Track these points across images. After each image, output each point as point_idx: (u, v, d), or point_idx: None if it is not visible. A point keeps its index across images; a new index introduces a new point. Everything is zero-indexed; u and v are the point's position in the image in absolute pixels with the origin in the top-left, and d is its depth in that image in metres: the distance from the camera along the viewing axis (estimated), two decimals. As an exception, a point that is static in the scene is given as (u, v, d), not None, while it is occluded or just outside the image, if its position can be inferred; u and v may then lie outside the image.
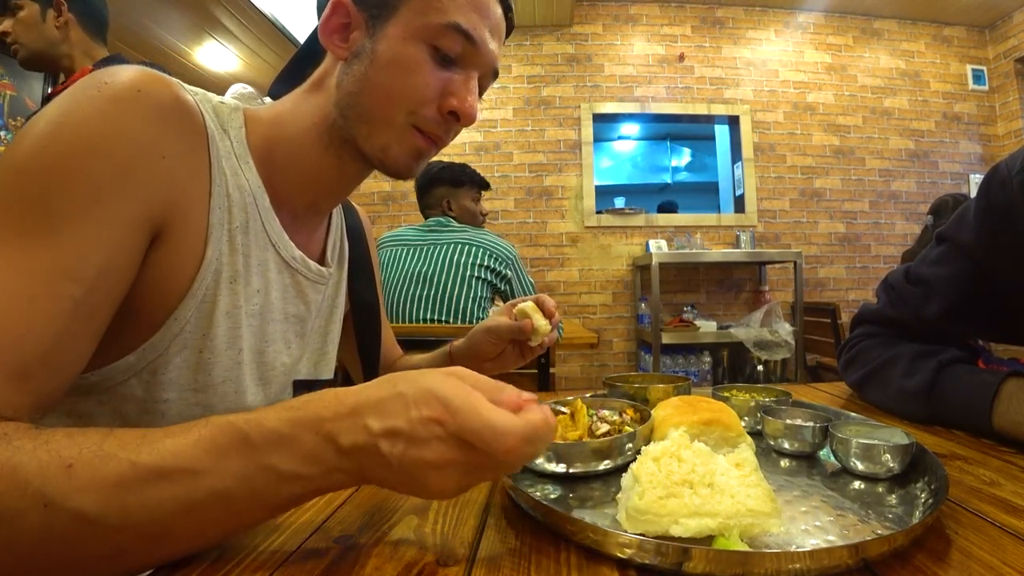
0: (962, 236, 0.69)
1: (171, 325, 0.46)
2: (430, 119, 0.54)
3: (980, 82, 3.93)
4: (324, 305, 0.67)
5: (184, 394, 0.49)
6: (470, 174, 1.84)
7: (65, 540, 0.29)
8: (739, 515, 0.35)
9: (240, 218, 0.51)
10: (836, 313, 2.97)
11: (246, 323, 0.53)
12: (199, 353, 0.49)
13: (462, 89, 0.54)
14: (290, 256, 0.57)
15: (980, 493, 0.43)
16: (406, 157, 0.55)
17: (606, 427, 0.53)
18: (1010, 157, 0.65)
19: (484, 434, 0.30)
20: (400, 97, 0.52)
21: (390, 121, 0.53)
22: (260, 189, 0.53)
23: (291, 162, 0.55)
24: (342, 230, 0.72)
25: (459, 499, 0.43)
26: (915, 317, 0.74)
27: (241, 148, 0.53)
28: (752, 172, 3.76)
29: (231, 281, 0.50)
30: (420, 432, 0.31)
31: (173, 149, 0.44)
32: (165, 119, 0.44)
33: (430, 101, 0.53)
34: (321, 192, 0.59)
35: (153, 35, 3.32)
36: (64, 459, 0.29)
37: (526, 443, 0.31)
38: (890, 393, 0.69)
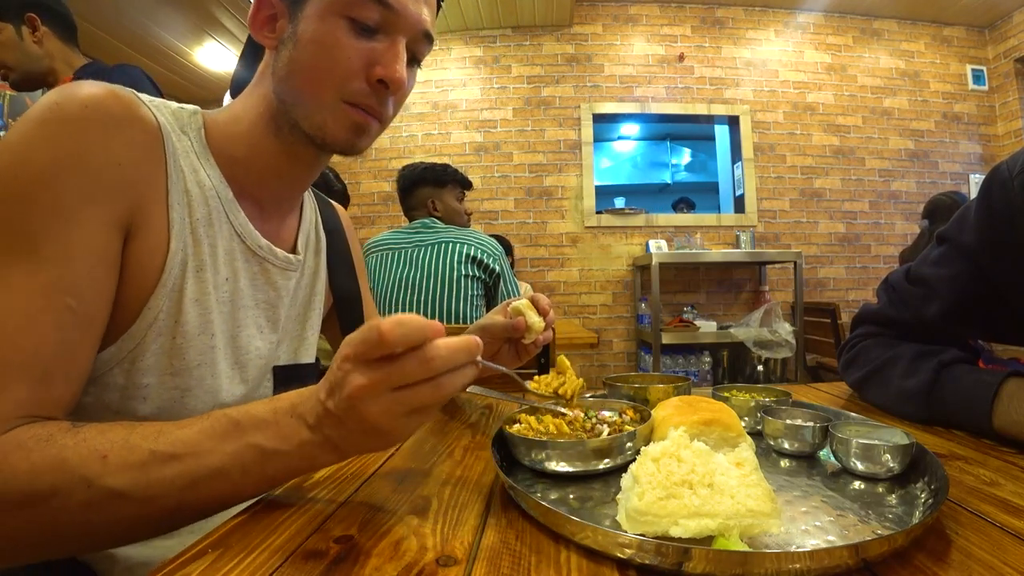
0: (963, 237, 0.69)
1: (145, 314, 0.50)
2: (359, 91, 0.54)
3: (980, 82, 3.93)
4: (301, 293, 0.70)
5: (162, 378, 0.52)
6: (452, 173, 1.84)
7: (102, 511, 0.38)
8: (739, 515, 0.35)
9: (201, 211, 0.54)
10: (836, 313, 2.97)
11: (217, 309, 0.56)
12: (172, 339, 0.52)
13: (386, 56, 0.54)
14: (256, 245, 0.60)
15: (980, 493, 0.43)
16: (344, 132, 0.56)
17: (606, 427, 0.53)
18: (1011, 158, 0.65)
19: (366, 335, 0.35)
20: (325, 74, 0.53)
21: (320, 99, 0.54)
22: (222, 184, 0.56)
23: (248, 154, 0.58)
24: (316, 223, 0.75)
25: (459, 499, 0.43)
26: (915, 317, 0.74)
27: (200, 147, 0.56)
28: (752, 172, 3.76)
29: (197, 270, 0.54)
30: (339, 376, 0.37)
31: (126, 156, 0.47)
32: (115, 130, 0.47)
33: (355, 73, 0.53)
34: (282, 180, 0.62)
35: (153, 35, 3.32)
36: (100, 451, 0.38)
37: (397, 324, 0.35)
38: (890, 393, 0.69)
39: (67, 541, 0.40)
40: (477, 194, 3.73)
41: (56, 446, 0.38)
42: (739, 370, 3.46)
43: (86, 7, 2.97)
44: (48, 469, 0.37)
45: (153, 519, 0.39)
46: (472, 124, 3.82)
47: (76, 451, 0.38)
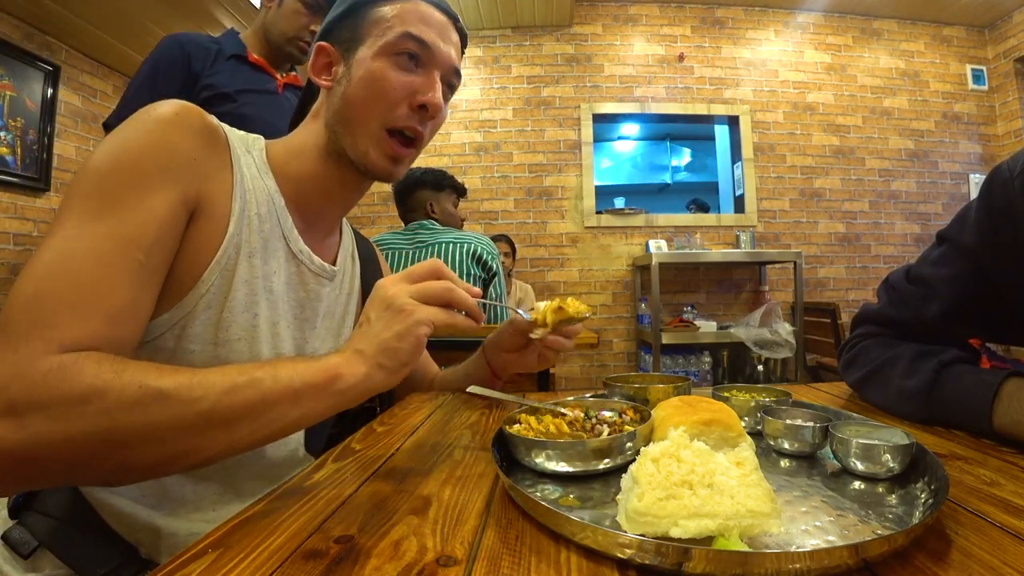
0: (963, 237, 0.69)
1: (199, 287, 0.58)
2: (403, 115, 0.66)
3: (980, 82, 3.93)
4: (338, 308, 0.80)
5: (206, 347, 0.60)
6: (449, 179, 1.89)
7: (149, 409, 0.43)
8: (739, 516, 0.34)
9: (260, 209, 0.64)
10: (836, 313, 2.97)
11: (263, 295, 0.64)
12: (220, 312, 0.60)
13: (425, 85, 0.67)
14: (297, 249, 0.69)
15: (980, 493, 0.43)
16: (383, 160, 0.68)
17: (606, 427, 0.53)
18: (1012, 158, 0.65)
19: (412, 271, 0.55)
20: (373, 104, 0.65)
21: (366, 128, 0.66)
22: (277, 193, 0.67)
23: (300, 175, 0.69)
24: (353, 251, 0.86)
25: (459, 499, 0.43)
26: (915, 317, 0.74)
27: (262, 163, 0.67)
28: (752, 172, 3.76)
29: (249, 256, 0.62)
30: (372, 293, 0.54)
31: (202, 154, 0.58)
32: (197, 134, 0.59)
33: (400, 101, 0.66)
34: (327, 199, 0.72)
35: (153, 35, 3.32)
36: (153, 367, 0.45)
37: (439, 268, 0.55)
38: (890, 393, 0.69)
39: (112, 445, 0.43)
40: (477, 194, 3.73)
41: (120, 361, 0.45)
42: (739, 370, 3.46)
43: (84, 6, 2.97)
44: (110, 370, 0.43)
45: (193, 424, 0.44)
46: (472, 124, 3.82)
47: (136, 364, 0.45)
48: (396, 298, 0.51)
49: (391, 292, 0.51)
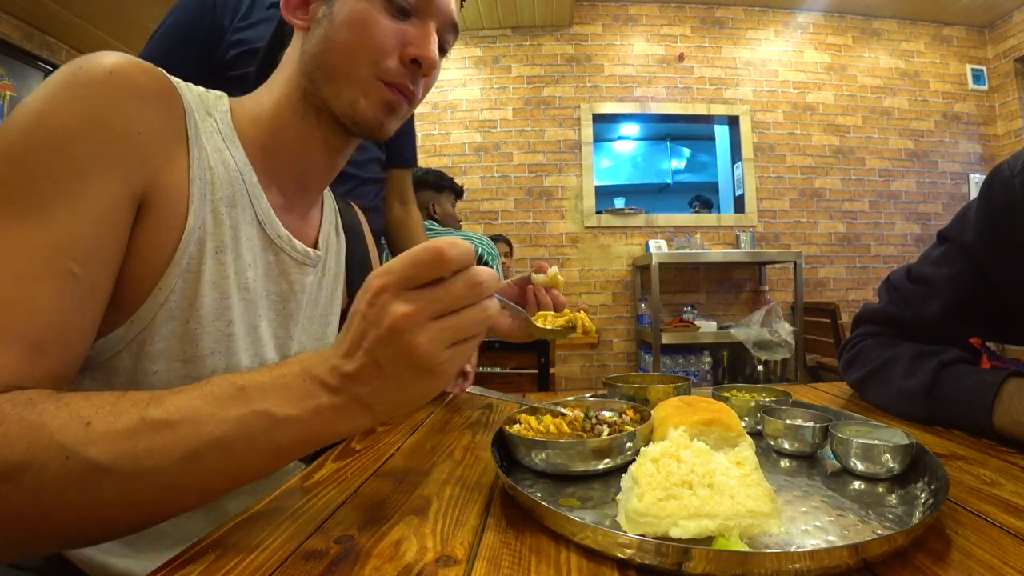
0: (963, 236, 0.69)
1: (156, 295, 0.47)
2: (393, 70, 0.55)
3: (980, 82, 3.93)
4: (323, 295, 0.69)
5: (172, 365, 0.49)
6: (449, 181, 1.91)
7: (83, 488, 0.33)
8: (739, 516, 0.34)
9: (225, 191, 0.52)
10: (836, 313, 2.97)
11: (237, 295, 0.54)
12: (185, 323, 0.50)
13: (420, 37, 0.55)
14: (275, 234, 0.58)
15: (980, 493, 0.43)
16: (375, 110, 0.56)
17: (606, 427, 0.53)
18: (1012, 157, 0.65)
19: (420, 258, 0.34)
20: (360, 50, 0.54)
21: (354, 76, 0.54)
22: (247, 166, 0.55)
23: (274, 139, 0.58)
24: (337, 224, 0.74)
25: (459, 499, 0.43)
26: (916, 317, 0.74)
27: (226, 128, 0.55)
28: (752, 172, 3.76)
29: (216, 251, 0.51)
30: (375, 312, 0.34)
31: (148, 125, 0.46)
32: (137, 98, 0.46)
33: (390, 52, 0.55)
34: (307, 168, 0.61)
35: (153, 35, 3.32)
36: (83, 417, 0.34)
37: (452, 244, 0.34)
38: (890, 393, 0.69)
39: (49, 527, 0.34)
40: (477, 194, 3.73)
41: (35, 411, 0.33)
42: (739, 370, 3.46)
43: (84, 6, 2.97)
44: (23, 436, 0.32)
45: (145, 499, 0.34)
46: (472, 124, 3.82)
47: (56, 416, 0.33)
48: (429, 357, 0.34)
49: (423, 347, 0.34)
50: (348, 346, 0.35)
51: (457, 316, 0.35)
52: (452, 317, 0.35)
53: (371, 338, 0.34)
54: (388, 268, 0.34)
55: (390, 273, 0.34)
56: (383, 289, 0.34)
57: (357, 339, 0.35)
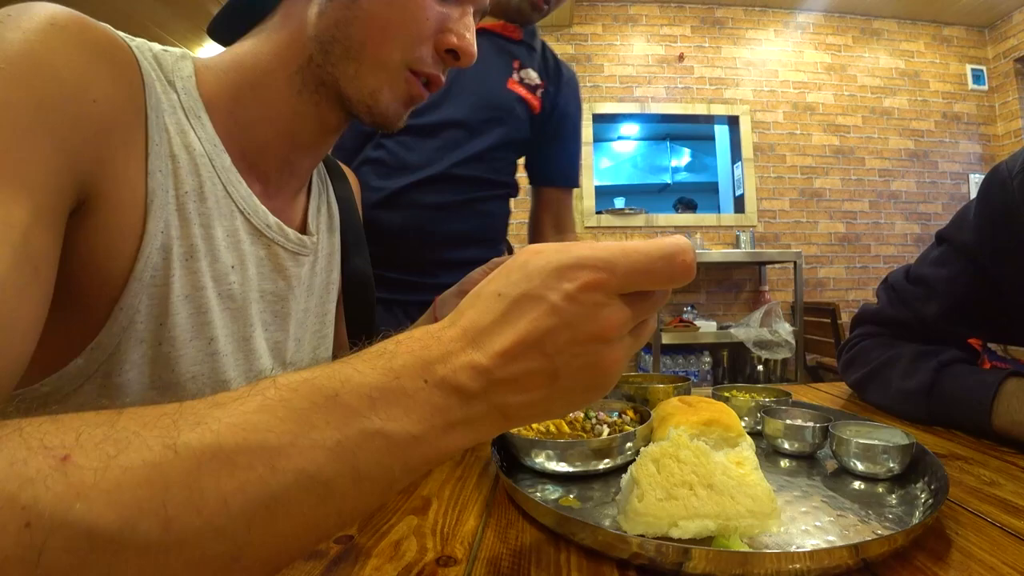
0: (962, 236, 0.69)
1: (118, 316, 0.39)
2: (426, 59, 0.48)
3: (980, 82, 3.93)
4: (317, 281, 0.60)
5: (146, 395, 0.41)
6: None
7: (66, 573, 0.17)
8: (739, 516, 0.35)
9: (191, 183, 0.43)
10: (836, 313, 2.97)
11: (219, 307, 0.46)
12: (158, 346, 0.41)
13: (460, 25, 0.49)
14: (263, 224, 0.49)
15: (980, 493, 0.43)
16: (397, 104, 0.49)
17: (606, 427, 0.53)
18: (1010, 158, 0.65)
19: (658, 267, 0.26)
20: (398, 32, 0.46)
21: (384, 61, 0.47)
22: (217, 147, 0.46)
23: (257, 113, 0.48)
24: (328, 196, 0.64)
25: (459, 499, 0.43)
26: (915, 317, 0.74)
27: (191, 101, 0.45)
28: (752, 172, 3.76)
29: (187, 258, 0.43)
30: (579, 311, 0.25)
31: (106, 96, 0.36)
32: (96, 61, 0.36)
33: (427, 38, 0.48)
34: (296, 147, 0.51)
35: (153, 35, 3.32)
36: (54, 448, 0.18)
37: (691, 252, 0.27)
38: (890, 393, 0.69)
39: None
40: (477, 194, 3.72)
41: None
42: (739, 370, 3.46)
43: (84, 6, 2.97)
44: None
45: None
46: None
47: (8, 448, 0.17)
48: (615, 374, 0.27)
49: (617, 363, 0.27)
50: (514, 343, 0.25)
51: (645, 326, 0.29)
52: (641, 328, 0.29)
53: (562, 340, 0.25)
54: (608, 262, 0.25)
55: (611, 271, 0.25)
56: (597, 286, 0.25)
57: (535, 337, 0.25)
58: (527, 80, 1.04)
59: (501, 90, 1.00)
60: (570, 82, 1.11)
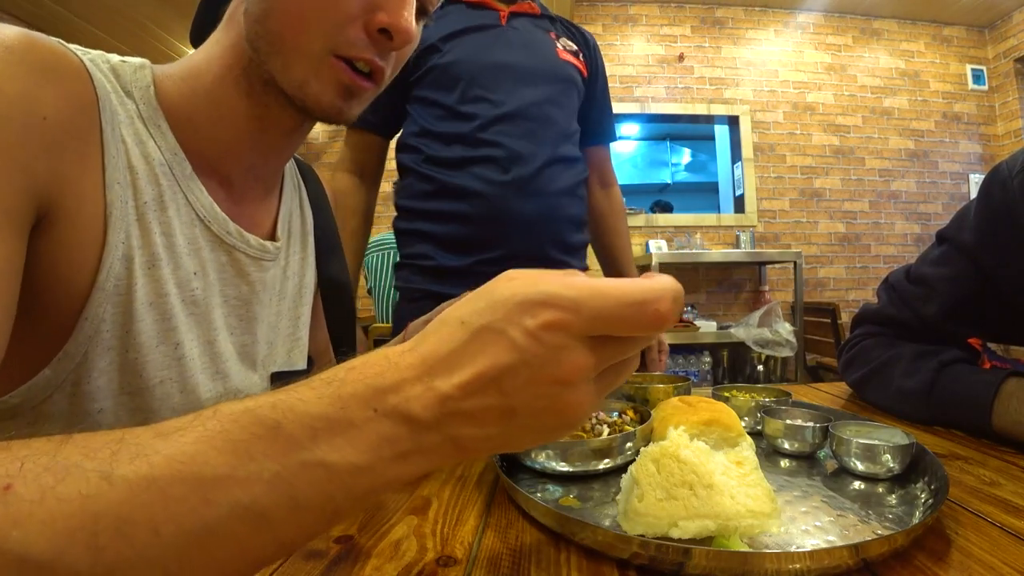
0: (962, 236, 0.69)
1: (84, 327, 0.40)
2: (356, 41, 0.44)
3: (980, 82, 3.93)
4: (289, 286, 0.60)
5: (119, 399, 0.42)
6: None
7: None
8: (739, 516, 0.35)
9: (150, 192, 0.44)
10: (836, 313, 2.97)
11: (183, 312, 0.46)
12: (124, 353, 0.42)
13: (392, 1, 0.44)
14: (223, 231, 0.49)
15: (980, 493, 0.43)
16: (330, 95, 0.46)
17: (606, 427, 0.53)
18: (1011, 157, 0.65)
19: (626, 314, 0.24)
20: (313, 16, 0.43)
21: (304, 49, 0.44)
22: (177, 156, 0.46)
23: (212, 119, 0.47)
24: (300, 201, 0.64)
25: (459, 499, 0.43)
26: (915, 317, 0.74)
27: (149, 110, 0.45)
28: (752, 172, 3.76)
29: (149, 267, 0.43)
30: (539, 351, 0.23)
31: (56, 112, 0.37)
32: (44, 78, 0.37)
33: (353, 19, 0.44)
34: (255, 151, 0.51)
35: (153, 35, 3.32)
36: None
37: (676, 302, 0.25)
38: (890, 393, 0.69)
39: None
40: (477, 194, 3.72)
41: None
42: (739, 370, 3.46)
43: (84, 6, 2.98)
44: None
45: None
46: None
47: None
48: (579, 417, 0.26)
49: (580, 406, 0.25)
50: (472, 377, 0.24)
51: (616, 371, 0.27)
52: (611, 372, 0.27)
53: (521, 379, 0.24)
54: (575, 303, 0.24)
55: (576, 312, 0.24)
56: (561, 326, 0.24)
57: (493, 373, 0.24)
58: (568, 48, 1.08)
59: (559, 62, 1.03)
60: (592, 42, 1.18)
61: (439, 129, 0.96)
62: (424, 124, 0.97)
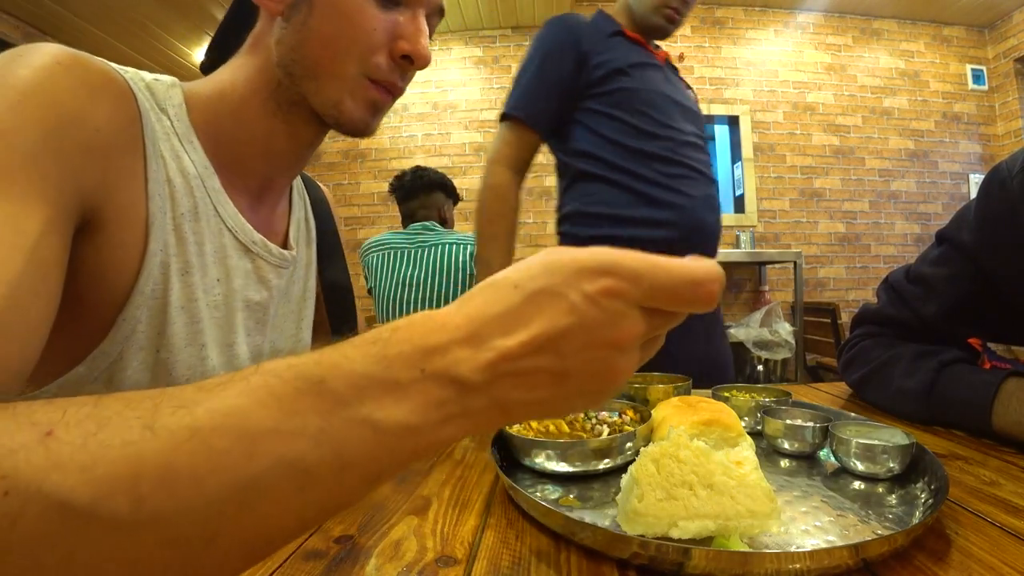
0: (962, 236, 0.69)
1: (121, 326, 0.43)
2: (382, 67, 0.51)
3: (980, 82, 3.93)
4: (293, 289, 0.64)
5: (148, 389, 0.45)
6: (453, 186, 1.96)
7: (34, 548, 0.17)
8: (739, 516, 0.35)
9: (186, 204, 0.48)
10: (836, 313, 2.97)
11: (208, 316, 0.50)
12: (156, 353, 0.46)
13: (411, 30, 0.51)
14: (249, 240, 0.54)
15: (980, 493, 0.43)
16: (362, 111, 0.52)
17: (606, 427, 0.53)
18: (1010, 157, 0.65)
19: (682, 290, 0.25)
20: (347, 46, 0.49)
21: (340, 73, 0.50)
22: (208, 170, 0.51)
23: (238, 136, 0.52)
24: (306, 208, 0.69)
25: (459, 499, 0.43)
26: (915, 317, 0.74)
27: (183, 127, 0.49)
28: (752, 172, 3.76)
29: (183, 273, 0.48)
30: (597, 316, 0.24)
31: (106, 126, 0.41)
32: (96, 95, 0.40)
33: (379, 47, 0.50)
34: (275, 165, 0.56)
35: (153, 35, 3.32)
36: (40, 424, 0.19)
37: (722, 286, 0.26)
38: (890, 393, 0.69)
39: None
40: (477, 194, 3.73)
41: None
42: (739, 370, 3.46)
43: (84, 6, 2.97)
44: None
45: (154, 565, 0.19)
46: (472, 124, 3.81)
47: None
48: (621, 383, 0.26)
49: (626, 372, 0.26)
50: (529, 338, 0.23)
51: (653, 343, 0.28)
52: (649, 344, 0.28)
53: (578, 342, 0.24)
54: (635, 273, 0.25)
55: (636, 282, 0.24)
56: (619, 294, 0.24)
57: (552, 334, 0.24)
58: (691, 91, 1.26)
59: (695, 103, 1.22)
60: None
61: (635, 145, 1.07)
62: (612, 137, 1.08)
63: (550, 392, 0.25)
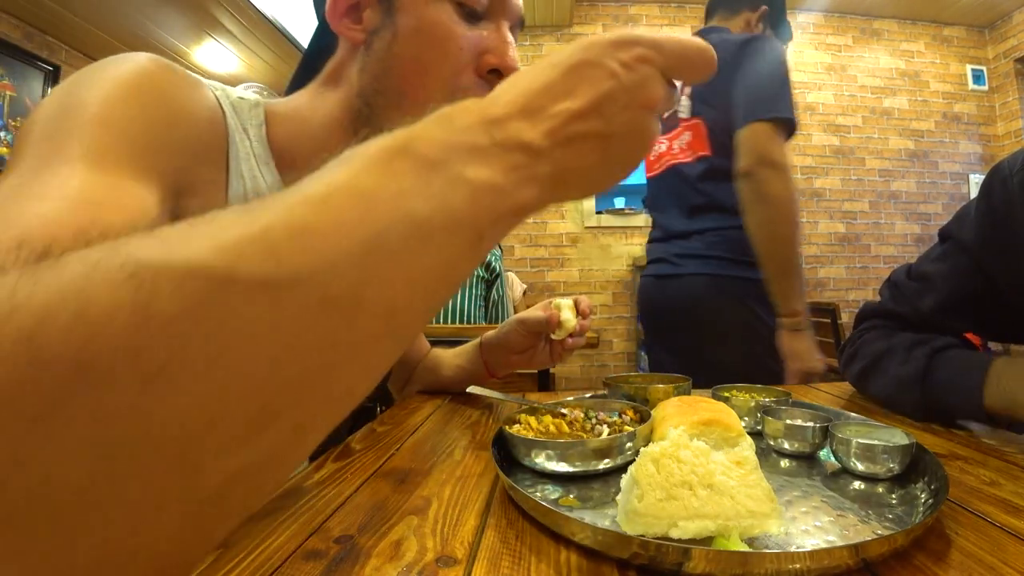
0: (963, 233, 0.70)
1: None
2: (471, 85, 0.49)
3: (980, 82, 3.93)
4: None
5: None
6: None
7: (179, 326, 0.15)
8: (739, 516, 0.35)
9: None
10: (836, 313, 2.97)
11: None
12: None
13: (498, 43, 0.49)
14: None
15: (980, 493, 0.43)
16: None
17: (606, 427, 0.53)
18: (1011, 156, 0.65)
19: (693, 55, 0.28)
20: (435, 67, 0.48)
21: (426, 100, 0.48)
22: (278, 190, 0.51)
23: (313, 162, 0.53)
24: None
25: (459, 499, 0.43)
26: (913, 311, 0.74)
27: (261, 148, 0.50)
28: (752, 172, 3.76)
29: None
30: (634, 78, 0.26)
31: (203, 134, 0.43)
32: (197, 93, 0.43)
33: (466, 66, 0.48)
34: None
35: (153, 35, 3.32)
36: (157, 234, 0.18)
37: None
38: (887, 382, 0.70)
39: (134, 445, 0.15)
40: (477, 194, 3.73)
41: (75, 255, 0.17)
42: (739, 370, 3.46)
43: (84, 6, 2.98)
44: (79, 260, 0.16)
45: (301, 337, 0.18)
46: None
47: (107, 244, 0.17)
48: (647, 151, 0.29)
49: (654, 138, 0.28)
50: (579, 104, 0.25)
51: None
52: None
53: (620, 104, 0.26)
54: (657, 43, 0.27)
55: (659, 49, 0.27)
56: (648, 59, 0.27)
57: (598, 98, 0.25)
58: None
59: None
60: None
61: None
62: None
63: (597, 158, 0.26)
